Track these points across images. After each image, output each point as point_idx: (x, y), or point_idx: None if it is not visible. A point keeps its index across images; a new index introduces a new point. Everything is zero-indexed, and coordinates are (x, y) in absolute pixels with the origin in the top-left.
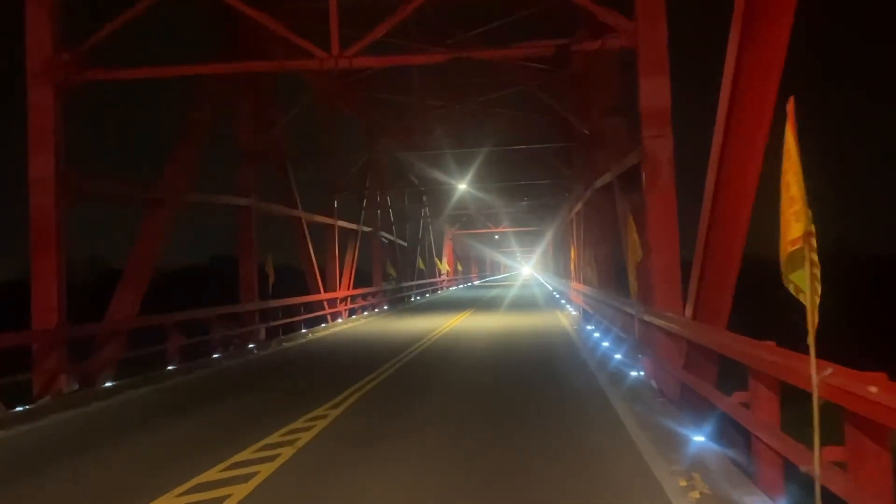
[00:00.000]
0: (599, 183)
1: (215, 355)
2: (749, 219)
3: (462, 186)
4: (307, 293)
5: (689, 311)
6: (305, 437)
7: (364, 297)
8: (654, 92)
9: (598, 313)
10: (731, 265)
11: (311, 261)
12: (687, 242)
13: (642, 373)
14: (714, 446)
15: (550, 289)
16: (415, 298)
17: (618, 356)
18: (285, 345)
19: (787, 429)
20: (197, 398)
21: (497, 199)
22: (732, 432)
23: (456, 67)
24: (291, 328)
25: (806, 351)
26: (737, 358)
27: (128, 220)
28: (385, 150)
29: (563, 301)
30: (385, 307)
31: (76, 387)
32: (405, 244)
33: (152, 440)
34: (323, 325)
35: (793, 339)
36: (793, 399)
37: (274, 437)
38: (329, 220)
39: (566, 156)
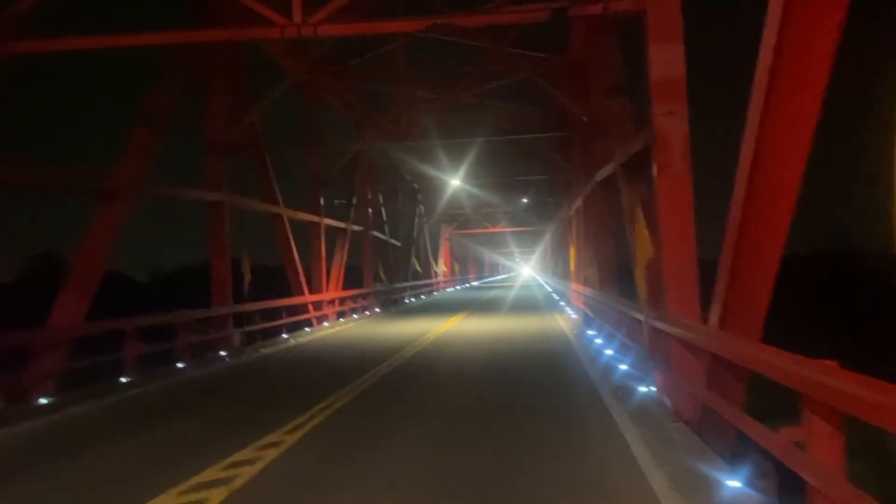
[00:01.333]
0: (601, 175)
1: (179, 365)
2: (793, 209)
3: (455, 182)
4: (292, 295)
5: (714, 318)
6: (245, 475)
7: (354, 298)
8: (666, 61)
9: (599, 317)
10: (768, 264)
11: (294, 261)
12: (703, 237)
13: (653, 388)
14: (754, 495)
15: (549, 290)
16: (409, 300)
17: (623, 367)
18: (263, 351)
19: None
20: (140, 417)
21: (493, 196)
22: (773, 472)
23: (446, 54)
24: (273, 333)
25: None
26: (784, 382)
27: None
28: (374, 143)
29: (562, 303)
30: (377, 309)
31: None
32: (399, 244)
33: (59, 478)
34: (307, 329)
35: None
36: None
37: (208, 474)
38: (314, 218)
39: (565, 150)
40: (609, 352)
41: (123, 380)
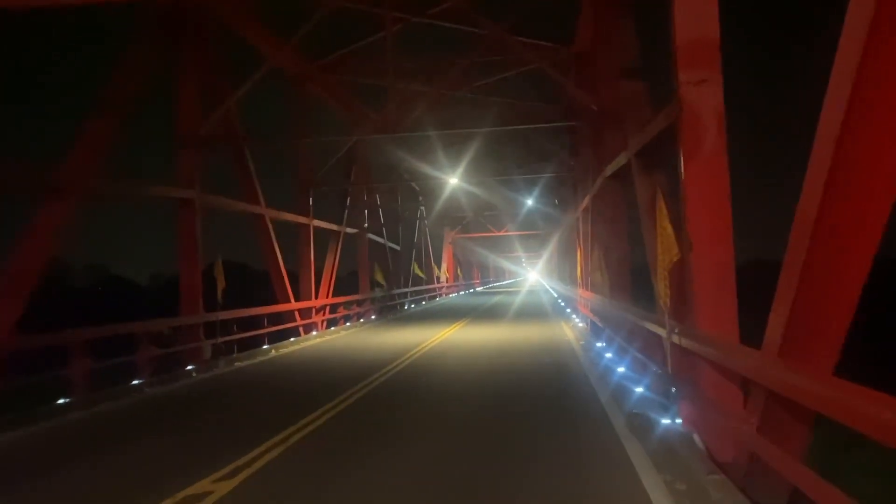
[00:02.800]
0: (612, 168)
1: (136, 381)
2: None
3: (456, 181)
4: (277, 302)
5: (771, 340)
6: None
7: (347, 305)
8: (696, 17)
9: (609, 327)
10: (852, 275)
11: (279, 265)
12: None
13: (679, 420)
14: None
15: (556, 296)
16: (409, 306)
17: (639, 389)
18: (237, 364)
19: None
20: (73, 446)
21: (497, 197)
22: None
23: (442, 45)
24: (255, 343)
25: None
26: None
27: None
28: (367, 139)
29: (568, 310)
30: (373, 317)
31: None
32: (398, 248)
33: None
34: (293, 339)
35: None
36: None
37: None
38: (302, 219)
39: (571, 147)
40: (621, 369)
41: (62, 401)
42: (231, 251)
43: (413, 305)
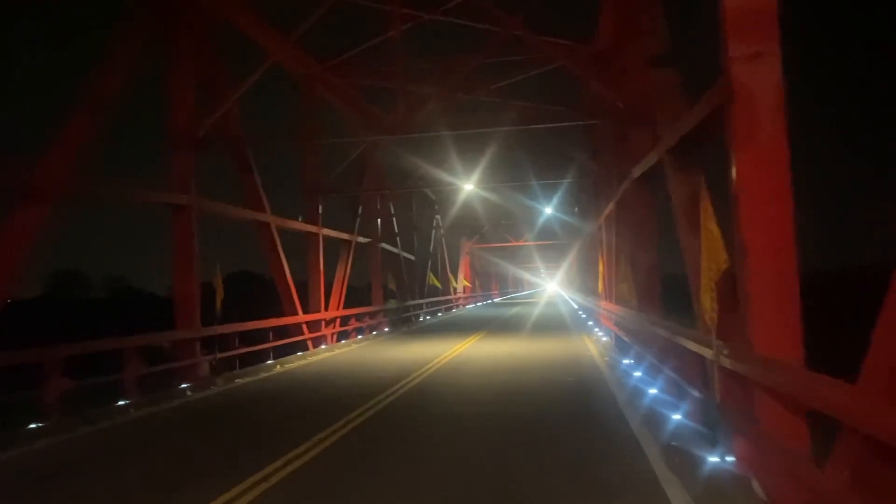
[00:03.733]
0: (641, 168)
1: (121, 402)
2: None
3: (471, 187)
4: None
5: (876, 373)
6: None
7: (359, 318)
8: None
9: (637, 342)
10: None
11: (285, 276)
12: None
13: (730, 459)
14: None
15: (576, 307)
16: (424, 318)
17: (677, 416)
18: (238, 381)
19: None
20: (25, 479)
21: (515, 205)
22: None
23: (456, 46)
24: (258, 359)
25: None
26: None
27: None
28: (380, 144)
29: (590, 322)
30: (386, 329)
31: None
32: (412, 258)
33: None
34: (300, 353)
35: None
36: None
37: None
38: (311, 228)
39: (593, 151)
40: (653, 391)
41: (33, 426)
42: (252, 261)
43: (428, 317)
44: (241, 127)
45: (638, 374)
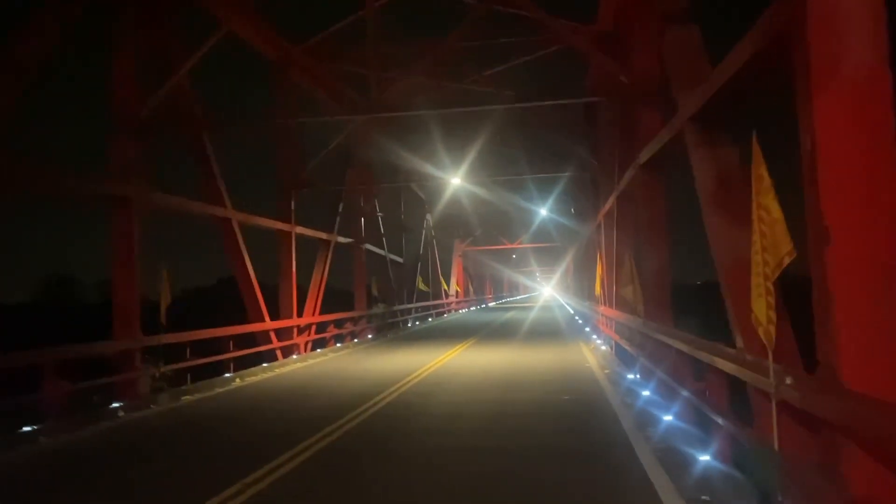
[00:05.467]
0: (649, 150)
1: (28, 428)
2: None
3: (456, 180)
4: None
5: None
6: None
7: (339, 324)
8: None
9: (644, 355)
10: None
11: (249, 278)
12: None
13: None
14: None
15: (572, 312)
16: (413, 324)
17: (704, 457)
18: (185, 399)
19: None
20: None
21: (510, 205)
22: None
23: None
24: (217, 372)
25: None
26: None
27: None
28: (363, 139)
29: (587, 329)
30: (370, 336)
31: None
32: (400, 260)
33: None
34: (265, 364)
35: None
36: None
37: None
38: (282, 226)
39: (592, 144)
40: (668, 418)
41: None
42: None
43: (418, 323)
44: (198, 108)
45: (646, 393)
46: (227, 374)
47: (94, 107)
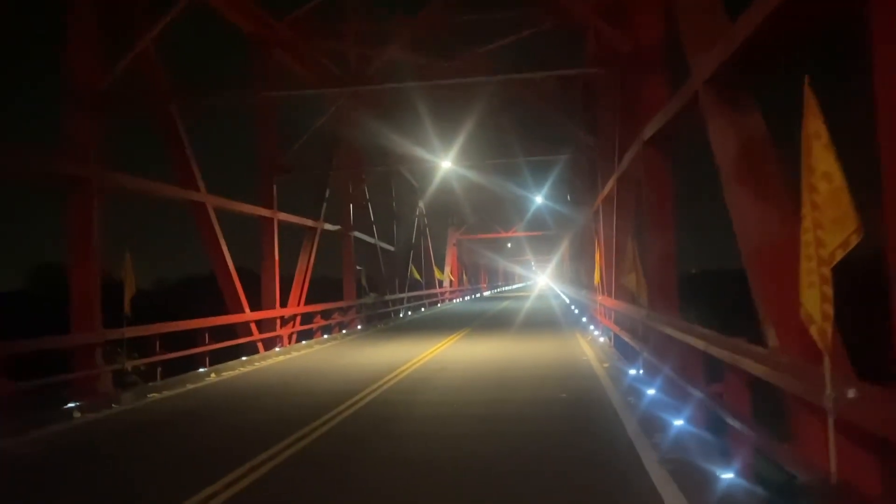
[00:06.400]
0: (656, 124)
1: None
2: None
3: (447, 164)
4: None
5: None
6: None
7: (326, 314)
8: None
9: (647, 349)
10: None
11: (227, 266)
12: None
13: None
14: None
15: (567, 301)
16: (405, 314)
17: (728, 475)
18: (152, 397)
19: None
20: None
21: (504, 192)
22: None
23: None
24: (190, 365)
25: None
26: None
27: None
28: (351, 121)
29: (584, 319)
30: (359, 326)
31: None
32: (392, 249)
33: None
34: (244, 357)
35: None
36: None
37: None
38: (263, 212)
39: (590, 123)
40: (678, 422)
41: None
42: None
43: (410, 313)
44: (165, 81)
45: (651, 392)
46: (202, 369)
47: (47, 77)
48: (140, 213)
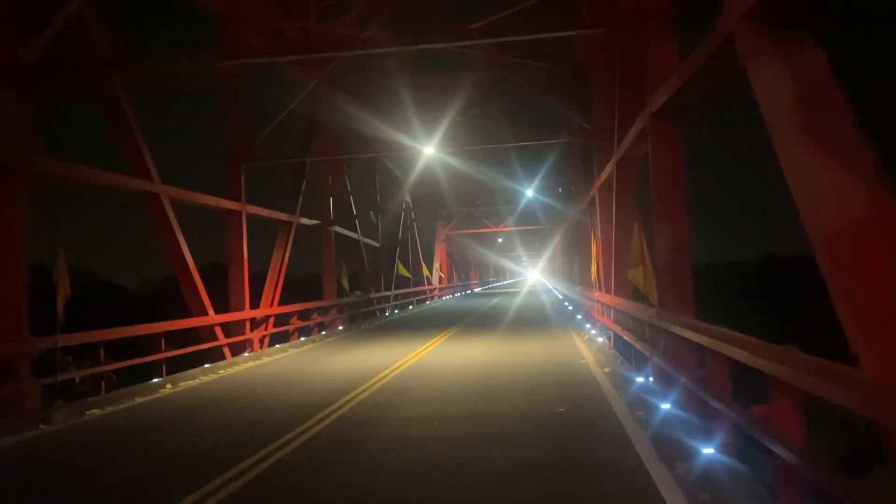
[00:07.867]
0: (667, 90)
1: None
2: None
3: (429, 150)
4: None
5: None
6: None
7: (304, 315)
8: None
9: (657, 352)
10: None
11: (187, 265)
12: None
13: None
14: None
15: (560, 297)
16: (391, 312)
17: None
18: (91, 413)
19: None
20: None
21: (495, 184)
22: None
23: None
24: (146, 374)
25: None
26: None
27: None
28: (327, 105)
29: (579, 316)
30: (340, 327)
31: None
32: (377, 244)
33: None
34: (207, 365)
35: None
36: None
37: None
38: (229, 204)
39: (585, 103)
40: (708, 451)
41: None
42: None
43: (397, 311)
44: (106, 50)
45: (666, 406)
46: (156, 380)
47: None
48: (133, 213)
